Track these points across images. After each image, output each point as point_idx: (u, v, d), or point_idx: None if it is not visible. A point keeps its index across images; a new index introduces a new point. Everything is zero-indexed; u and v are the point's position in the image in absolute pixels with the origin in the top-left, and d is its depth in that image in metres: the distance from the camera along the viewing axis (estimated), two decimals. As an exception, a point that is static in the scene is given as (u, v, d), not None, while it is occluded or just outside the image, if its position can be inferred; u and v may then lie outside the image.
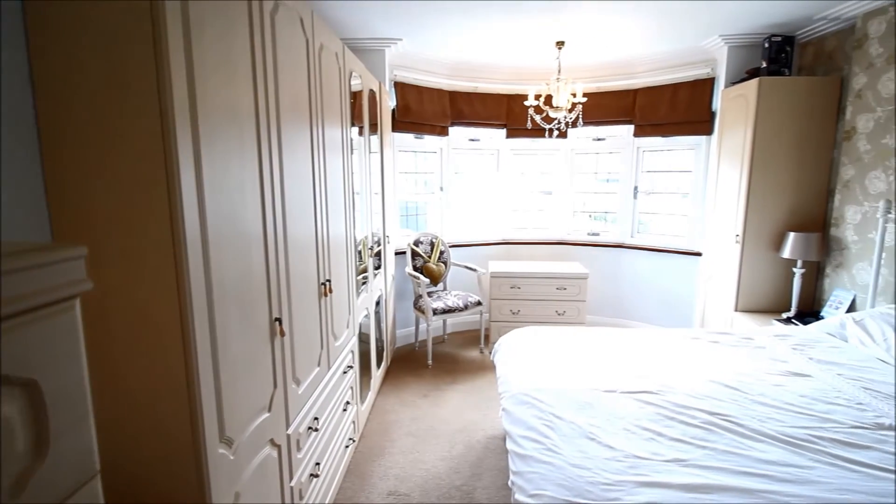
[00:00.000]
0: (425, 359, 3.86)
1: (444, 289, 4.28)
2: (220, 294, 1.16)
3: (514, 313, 4.00)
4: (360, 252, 2.71)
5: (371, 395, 3.05)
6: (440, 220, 4.56)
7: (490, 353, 2.75)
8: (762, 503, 1.30)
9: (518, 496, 1.45)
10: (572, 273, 3.94)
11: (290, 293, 1.59)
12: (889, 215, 2.63)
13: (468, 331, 4.69)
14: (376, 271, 3.16)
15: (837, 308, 2.95)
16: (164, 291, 1.03)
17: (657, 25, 3.22)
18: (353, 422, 2.54)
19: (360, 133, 2.73)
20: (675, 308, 4.28)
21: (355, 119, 2.60)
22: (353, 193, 2.38)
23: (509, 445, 1.70)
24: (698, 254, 4.01)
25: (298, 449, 1.69)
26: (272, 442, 1.48)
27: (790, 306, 3.18)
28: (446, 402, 3.20)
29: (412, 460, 2.55)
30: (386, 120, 3.49)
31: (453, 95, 4.33)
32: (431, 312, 3.71)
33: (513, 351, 2.45)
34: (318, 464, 1.90)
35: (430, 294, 4.05)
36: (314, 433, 1.85)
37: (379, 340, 3.31)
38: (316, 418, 1.86)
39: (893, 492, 1.34)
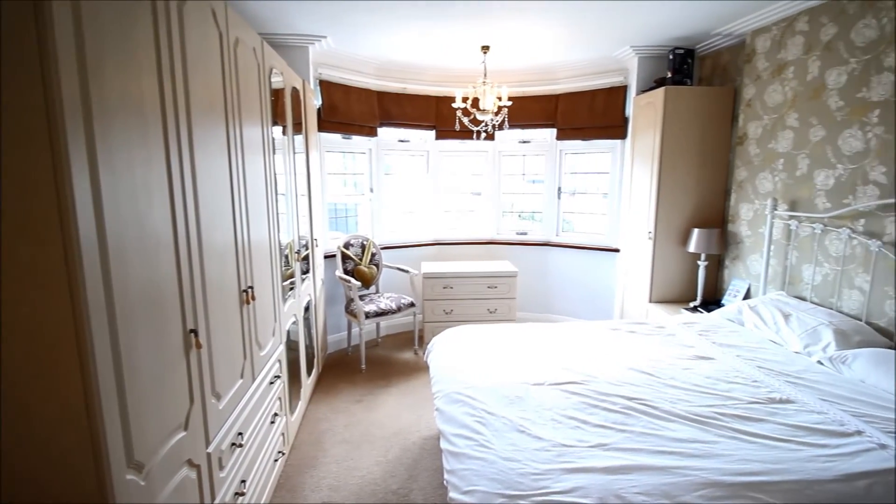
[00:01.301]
0: (358, 363, 3.79)
1: (377, 291, 4.23)
2: (125, 306, 1.06)
3: (447, 313, 4.04)
4: (286, 256, 2.60)
5: (301, 405, 2.94)
6: (371, 222, 4.50)
7: (424, 354, 2.75)
8: (674, 479, 1.40)
9: (452, 494, 1.46)
10: (502, 272, 4.05)
11: (206, 302, 1.49)
12: (775, 212, 2.96)
13: (402, 333, 4.67)
14: (305, 276, 3.05)
15: (735, 296, 3.27)
16: (57, 306, 0.93)
17: (574, 35, 3.39)
18: (283, 434, 2.44)
19: (284, 133, 2.62)
20: (598, 301, 4.53)
21: (278, 118, 2.49)
22: (276, 195, 2.28)
23: (443, 445, 1.71)
24: (616, 250, 4.27)
25: (221, 467, 1.59)
26: (190, 462, 1.38)
27: (696, 296, 3.47)
28: (381, 405, 3.16)
29: (346, 468, 2.49)
30: (311, 119, 3.39)
31: (381, 96, 4.29)
32: (364, 316, 3.65)
33: (446, 350, 2.47)
34: (243, 481, 1.80)
35: (362, 297, 3.98)
36: (238, 449, 1.75)
37: (309, 347, 3.20)
38: (240, 433, 1.76)
39: (784, 458, 1.51)
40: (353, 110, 4.02)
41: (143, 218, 1.15)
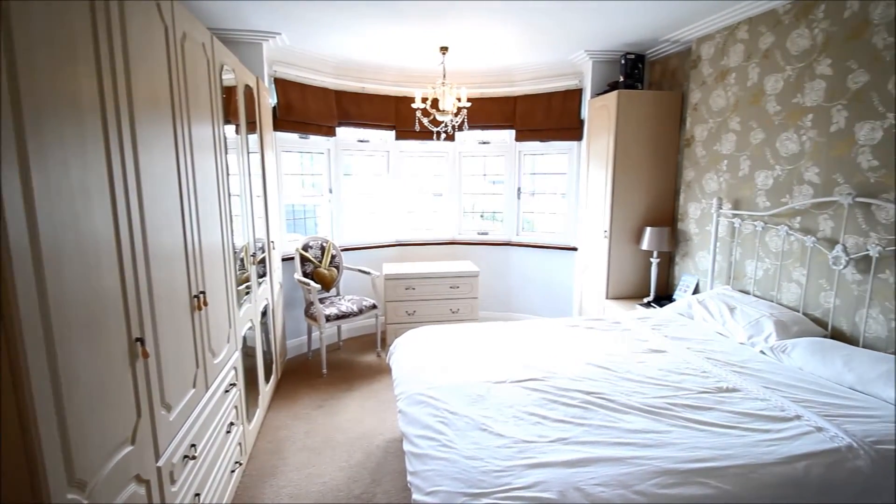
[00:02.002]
0: (320, 368, 3.72)
1: (338, 294, 4.16)
2: (62, 314, 1.00)
3: (409, 314, 4.02)
4: (241, 260, 2.52)
5: (260, 413, 2.85)
6: (331, 224, 4.42)
7: (387, 356, 2.73)
8: (630, 469, 1.45)
9: (416, 496, 1.46)
10: (464, 272, 4.07)
11: (153, 309, 1.42)
12: (720, 211, 3.11)
13: (364, 335, 4.61)
14: (261, 280, 2.96)
15: (685, 291, 3.42)
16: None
17: (531, 38, 3.46)
18: (240, 443, 2.35)
19: (237, 132, 2.53)
20: (557, 299, 4.63)
21: (231, 116, 2.41)
22: (229, 196, 2.20)
23: (406, 447, 1.70)
24: (575, 249, 4.38)
25: (172, 482, 1.52)
26: (138, 478, 1.31)
27: (650, 292, 3.61)
28: (343, 410, 3.11)
29: (307, 476, 2.43)
30: (266, 118, 3.29)
31: (340, 95, 4.22)
32: (324, 319, 3.58)
33: (408, 352, 2.46)
34: (197, 495, 1.72)
35: (322, 300, 3.90)
36: (192, 462, 1.68)
37: (267, 353, 3.10)
38: (193, 445, 1.69)
39: (731, 444, 1.59)
40: (311, 109, 3.94)
41: (82, 221, 1.08)
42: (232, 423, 2.19)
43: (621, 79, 3.65)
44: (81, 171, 1.08)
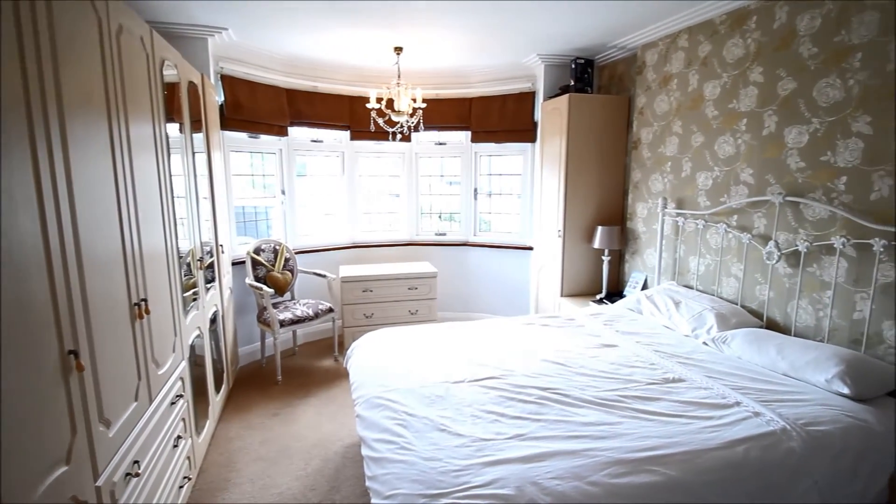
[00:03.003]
0: (274, 375, 3.61)
1: (292, 298, 4.05)
2: (-20, 328, 0.92)
3: (367, 317, 3.97)
4: (188, 265, 2.41)
5: (210, 424, 2.73)
6: (284, 226, 4.30)
7: (344, 360, 2.68)
8: (584, 461, 1.49)
9: (375, 500, 1.44)
10: (422, 272, 4.07)
11: (89, 319, 1.33)
12: (665, 210, 3.26)
13: (321, 339, 4.51)
14: (210, 285, 2.84)
15: (635, 287, 3.56)
16: None
17: (484, 41, 3.49)
18: (189, 457, 2.25)
19: (181, 130, 2.42)
20: (514, 298, 4.71)
21: (174, 114, 2.30)
22: (173, 198, 2.10)
23: (364, 451, 1.68)
24: (530, 248, 4.47)
25: (113, 502, 1.43)
26: (75, 499, 1.22)
27: (602, 288, 3.73)
28: (299, 417, 3.03)
29: (262, 487, 2.36)
30: (212, 116, 3.16)
31: (291, 94, 4.12)
32: (278, 325, 3.48)
33: (366, 355, 2.43)
34: (142, 513, 1.63)
35: (276, 305, 3.79)
36: (135, 479, 1.59)
37: (217, 361, 2.98)
38: (136, 461, 1.60)
39: (677, 432, 1.66)
40: (261, 108, 3.82)
41: (5, 227, 1.00)
42: (179, 437, 2.09)
43: (572, 82, 3.76)
44: (5, 172, 1.00)
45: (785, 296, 2.48)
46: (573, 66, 3.74)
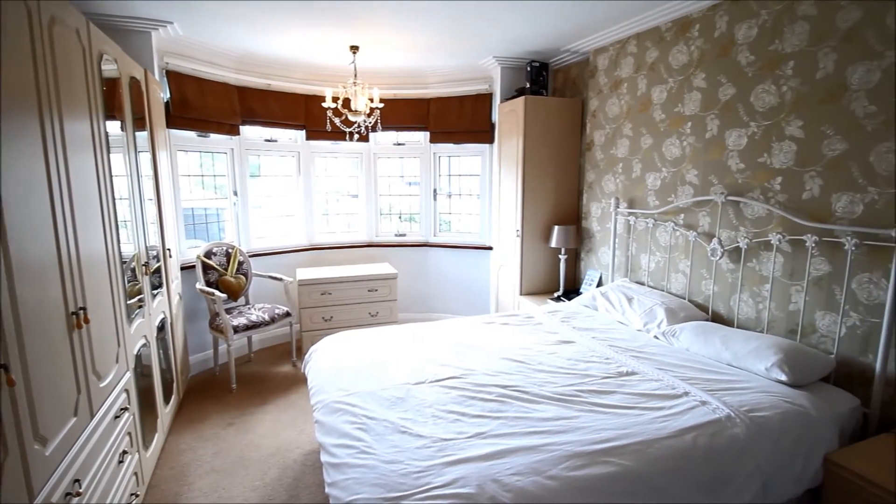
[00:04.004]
0: (228, 383, 3.47)
1: (247, 303, 3.92)
2: None
3: (326, 320, 3.90)
4: (132, 270, 2.28)
5: (159, 437, 2.60)
6: (237, 228, 4.15)
7: (302, 365, 2.62)
8: (542, 456, 1.52)
9: (334, 508, 1.41)
10: (382, 274, 4.03)
11: (20, 330, 1.24)
12: (618, 209, 3.38)
13: (278, 345, 4.39)
14: (157, 291, 2.71)
15: (590, 285, 3.66)
16: None
17: (440, 42, 3.50)
18: (136, 473, 2.13)
19: (122, 128, 2.29)
20: (475, 297, 4.74)
21: (115, 112, 2.18)
22: (114, 200, 1.98)
23: (324, 458, 1.65)
24: (490, 248, 4.51)
25: (50, 525, 1.34)
26: (5, 525, 1.13)
27: (559, 286, 3.82)
28: (256, 426, 2.94)
29: (216, 500, 2.26)
30: (157, 114, 3.01)
31: (243, 91, 3.99)
32: (232, 331, 3.35)
33: (325, 359, 2.38)
34: (83, 536, 1.53)
35: (230, 310, 3.65)
36: (76, 499, 1.49)
37: (166, 371, 2.84)
38: (77, 480, 1.50)
39: (630, 423, 1.72)
40: (210, 106, 3.67)
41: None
42: (125, 452, 1.98)
43: (528, 85, 3.83)
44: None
45: (728, 290, 2.62)
46: (528, 68, 3.81)
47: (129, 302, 2.14)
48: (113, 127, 2.10)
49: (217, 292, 3.37)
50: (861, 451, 1.78)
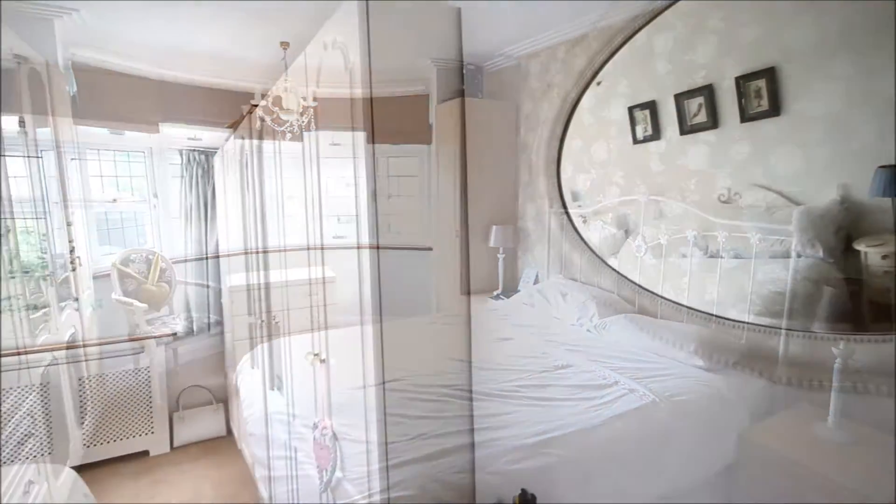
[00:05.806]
0: (149, 399, 3.22)
1: (171, 313, 3.66)
2: None
3: (260, 328, 3.72)
4: (38, 280, 2.06)
5: (72, 463, 2.36)
6: (159, 233, 3.87)
7: (234, 376, 2.48)
8: (484, 452, 1.54)
9: (271, 523, 1.35)
10: (320, 277, 3.92)
11: None
12: (551, 209, 3.50)
13: (208, 356, 4.13)
14: (64, 303, 2.46)
15: (528, 282, 3.77)
16: None
17: (375, 43, 3.45)
18: (43, 504, 1.92)
19: (21, 124, 2.07)
20: (417, 298, 4.72)
21: (12, 106, 1.96)
22: (10, 203, 1.78)
23: (258, 473, 1.57)
24: (430, 248, 4.52)
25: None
26: None
27: (499, 285, 3.90)
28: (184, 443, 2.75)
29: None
30: (62, 109, 2.75)
31: (164, 87, 3.72)
32: (154, 343, 3.12)
33: (259, 369, 2.28)
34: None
35: (152, 321, 3.40)
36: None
37: (79, 391, 2.59)
38: (-32, 519, 1.33)
39: (566, 414, 1.79)
40: (124, 102, 3.40)
41: None
42: (31, 482, 1.78)
43: (464, 87, 3.88)
44: None
45: (652, 284, 2.80)
46: (464, 71, 3.86)
47: (32, 316, 1.94)
48: (10, 123, 1.89)
49: (136, 302, 3.12)
50: (770, 426, 1.97)
